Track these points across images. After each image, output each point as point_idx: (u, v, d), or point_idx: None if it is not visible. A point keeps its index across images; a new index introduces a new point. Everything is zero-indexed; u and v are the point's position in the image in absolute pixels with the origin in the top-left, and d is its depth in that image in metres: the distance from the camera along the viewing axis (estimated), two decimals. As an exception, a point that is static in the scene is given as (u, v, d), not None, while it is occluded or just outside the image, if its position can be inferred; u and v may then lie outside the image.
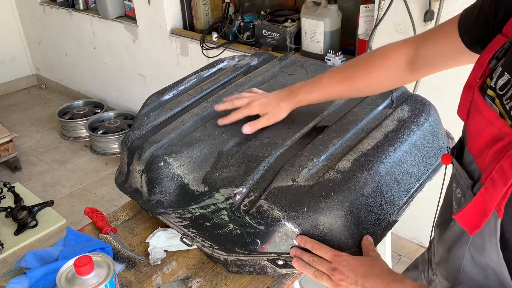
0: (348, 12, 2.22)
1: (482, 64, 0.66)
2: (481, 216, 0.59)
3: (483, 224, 0.59)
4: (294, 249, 0.83)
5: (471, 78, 0.68)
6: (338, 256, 0.77)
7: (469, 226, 0.61)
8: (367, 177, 0.87)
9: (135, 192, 1.02)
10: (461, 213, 0.62)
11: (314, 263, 0.79)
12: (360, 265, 0.75)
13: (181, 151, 0.97)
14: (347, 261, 0.76)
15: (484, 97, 0.63)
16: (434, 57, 0.86)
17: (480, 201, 0.59)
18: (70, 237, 1.02)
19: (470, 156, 0.66)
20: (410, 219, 1.48)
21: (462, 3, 1.59)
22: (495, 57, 0.64)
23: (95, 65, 3.60)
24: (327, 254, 0.79)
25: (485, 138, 0.61)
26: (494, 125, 0.59)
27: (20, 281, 0.91)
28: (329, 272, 0.76)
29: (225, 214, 0.89)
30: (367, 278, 0.73)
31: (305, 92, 1.00)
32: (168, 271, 0.97)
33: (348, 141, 0.96)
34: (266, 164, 0.91)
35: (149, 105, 1.16)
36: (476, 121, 0.65)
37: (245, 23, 2.45)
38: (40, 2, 3.71)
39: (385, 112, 1.06)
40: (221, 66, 1.33)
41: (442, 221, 0.80)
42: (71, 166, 3.14)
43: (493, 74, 0.63)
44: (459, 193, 0.70)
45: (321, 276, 0.78)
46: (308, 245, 0.81)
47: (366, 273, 0.74)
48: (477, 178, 0.63)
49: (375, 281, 0.72)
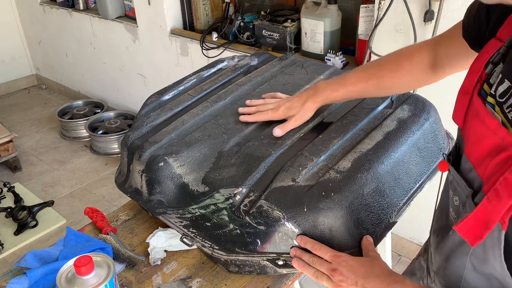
0: (348, 12, 2.22)
1: (478, 69, 0.65)
2: (483, 228, 0.58)
3: (485, 236, 0.58)
4: (294, 249, 0.83)
5: (466, 83, 0.67)
6: (338, 256, 0.77)
7: (470, 237, 0.60)
8: (367, 177, 0.87)
9: (135, 192, 1.02)
10: (462, 224, 0.61)
11: (314, 264, 0.79)
12: (360, 266, 0.75)
13: (181, 151, 0.97)
14: (347, 261, 0.76)
15: (485, 104, 0.62)
16: (450, 58, 0.87)
17: (482, 212, 0.58)
18: (70, 237, 1.02)
19: (469, 163, 0.65)
20: (410, 219, 1.48)
21: (462, 3, 1.59)
22: (491, 62, 0.63)
23: (95, 65, 3.60)
24: (327, 254, 0.78)
25: (487, 146, 0.60)
26: (497, 134, 0.58)
27: (20, 281, 0.91)
28: (329, 273, 0.76)
29: (225, 214, 0.89)
30: (367, 279, 0.73)
31: (330, 90, 1.00)
32: (168, 271, 0.97)
33: (348, 141, 0.96)
34: (266, 164, 0.91)
35: (149, 105, 1.16)
36: (476, 128, 0.63)
37: (245, 23, 2.45)
38: (40, 2, 3.71)
39: (385, 112, 1.06)
40: (221, 66, 1.33)
41: (439, 227, 0.79)
42: (71, 166, 3.14)
43: (490, 80, 0.63)
44: (457, 201, 0.69)
45: (321, 276, 0.78)
46: (308, 245, 0.81)
47: (366, 274, 0.73)
48: (478, 187, 0.62)
49: (375, 282, 0.72)
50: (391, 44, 1.81)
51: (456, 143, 0.73)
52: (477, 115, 0.63)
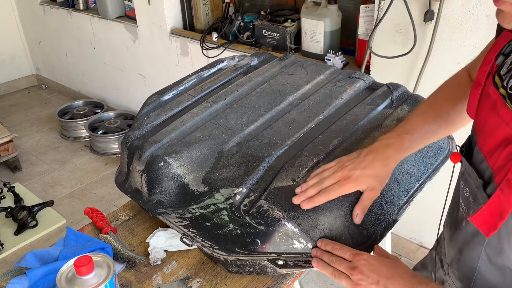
0: (348, 12, 2.22)
1: (489, 60, 0.65)
2: (497, 218, 0.58)
3: (499, 226, 0.58)
4: (315, 249, 0.81)
5: (479, 75, 0.67)
6: (358, 255, 0.76)
7: (485, 228, 0.60)
8: (367, 177, 0.87)
9: (135, 192, 1.02)
10: (476, 215, 0.61)
11: (333, 263, 0.77)
12: (382, 266, 0.73)
13: (181, 151, 0.97)
14: (367, 260, 0.74)
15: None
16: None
17: (496, 203, 0.58)
18: (70, 237, 1.02)
19: (481, 154, 0.65)
20: (410, 219, 1.48)
21: (462, 3, 1.59)
22: (501, 53, 0.64)
23: (95, 65, 3.60)
24: (347, 253, 0.77)
25: (499, 137, 0.60)
26: (509, 124, 0.58)
27: (20, 281, 0.91)
28: (348, 272, 0.74)
29: (225, 214, 0.89)
30: (391, 279, 0.71)
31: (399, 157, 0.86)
32: (168, 271, 0.97)
33: (348, 141, 0.96)
34: (266, 164, 0.91)
35: (149, 105, 1.16)
36: (490, 119, 0.63)
37: (245, 23, 2.45)
38: (40, 2, 3.71)
39: (385, 112, 1.06)
40: (221, 66, 1.33)
41: (451, 220, 0.79)
42: (71, 166, 3.14)
43: (501, 71, 0.63)
44: (467, 192, 0.69)
45: (340, 275, 0.76)
46: (328, 247, 0.80)
47: (389, 274, 0.72)
48: (488, 177, 0.63)
49: (400, 282, 0.70)
50: (391, 44, 1.81)
51: (469, 136, 0.73)
52: (494, 106, 0.62)
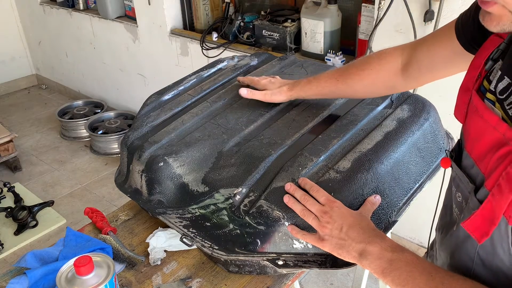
0: (348, 12, 2.22)
1: (478, 65, 0.66)
2: (489, 224, 0.58)
3: (492, 232, 0.58)
4: (289, 184, 0.85)
5: (467, 79, 0.68)
6: (332, 202, 0.80)
7: (477, 234, 0.60)
8: (367, 177, 0.87)
9: (135, 192, 1.02)
10: (469, 221, 0.61)
11: (306, 202, 0.81)
12: (350, 215, 0.78)
13: (181, 151, 0.97)
14: (339, 208, 0.79)
15: (484, 100, 0.62)
16: (428, 60, 0.87)
17: (488, 208, 0.58)
18: (70, 237, 1.02)
19: (470, 159, 0.66)
20: (410, 219, 1.48)
21: (462, 3, 1.59)
22: (490, 58, 0.64)
23: (95, 65, 3.60)
24: (323, 197, 0.81)
25: (488, 142, 0.60)
26: (497, 129, 0.58)
27: (20, 281, 0.91)
28: (319, 214, 0.78)
29: (225, 214, 0.89)
30: (353, 228, 0.75)
31: (303, 84, 1.05)
32: (168, 271, 0.97)
33: (348, 141, 0.96)
34: (266, 164, 0.91)
35: (149, 105, 1.16)
36: (476, 124, 0.64)
37: (245, 23, 2.45)
38: (40, 2, 3.71)
39: (385, 112, 1.06)
40: (221, 66, 1.33)
41: (443, 224, 0.79)
42: (71, 166, 3.14)
43: (491, 77, 0.63)
44: (460, 197, 0.69)
45: (308, 215, 0.80)
46: (307, 186, 0.83)
47: (353, 223, 0.76)
48: (480, 182, 0.63)
49: (359, 232, 0.75)
50: (391, 44, 1.80)
51: (459, 140, 0.74)
52: (476, 111, 0.63)
